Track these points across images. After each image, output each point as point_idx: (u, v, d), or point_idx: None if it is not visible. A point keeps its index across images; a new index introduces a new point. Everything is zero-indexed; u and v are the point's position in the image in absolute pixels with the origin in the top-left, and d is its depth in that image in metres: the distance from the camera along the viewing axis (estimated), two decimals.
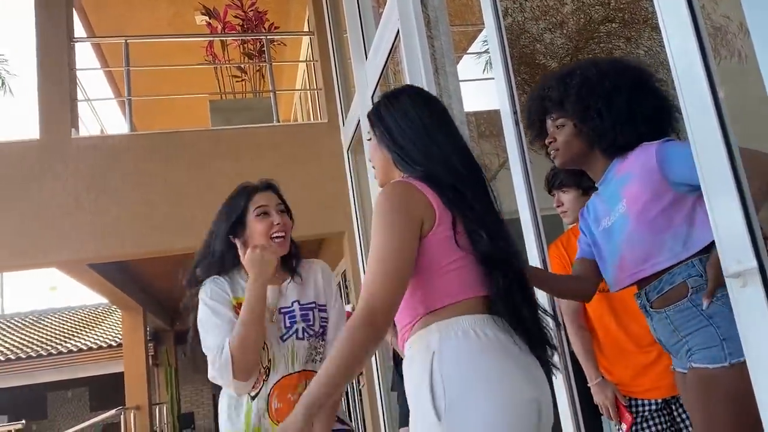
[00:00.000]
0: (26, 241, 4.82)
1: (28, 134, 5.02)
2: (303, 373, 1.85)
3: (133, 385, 7.99)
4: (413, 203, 1.31)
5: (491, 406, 1.21)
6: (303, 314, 1.89)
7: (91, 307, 15.87)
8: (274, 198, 1.98)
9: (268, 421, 1.79)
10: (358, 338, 1.21)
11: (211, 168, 5.18)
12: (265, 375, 1.81)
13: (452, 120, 1.50)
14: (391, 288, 1.24)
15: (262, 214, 1.91)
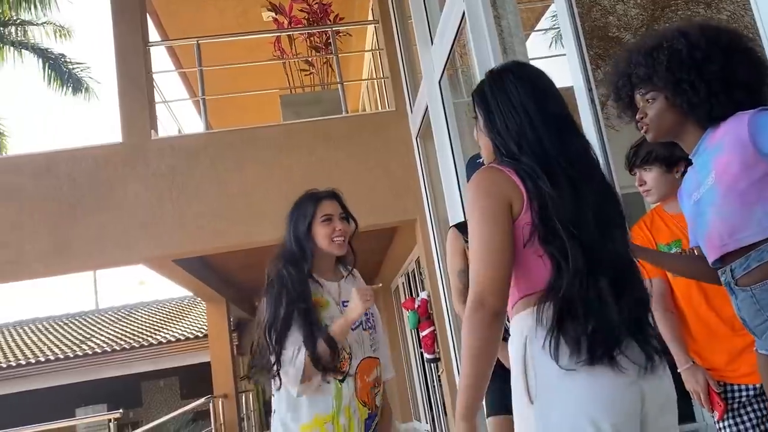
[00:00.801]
0: (115, 240, 5.07)
1: (112, 138, 5.26)
2: (373, 359, 2.13)
3: (219, 374, 8.29)
4: (500, 186, 1.34)
5: (581, 393, 1.22)
6: None
7: (178, 300, 16.59)
8: (337, 206, 2.24)
9: (356, 401, 2.02)
10: (472, 325, 1.27)
11: (284, 161, 5.28)
12: (349, 360, 2.05)
13: (559, 98, 1.46)
14: (492, 269, 1.28)
15: (327, 221, 2.17)
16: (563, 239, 1.28)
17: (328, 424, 1.99)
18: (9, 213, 4.99)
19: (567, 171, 1.34)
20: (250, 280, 8.93)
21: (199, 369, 11.24)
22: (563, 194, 1.31)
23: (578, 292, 1.26)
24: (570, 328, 1.24)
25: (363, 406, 2.04)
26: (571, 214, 1.30)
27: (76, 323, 15.65)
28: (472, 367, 1.29)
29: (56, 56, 13.15)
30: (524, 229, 1.31)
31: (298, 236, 2.17)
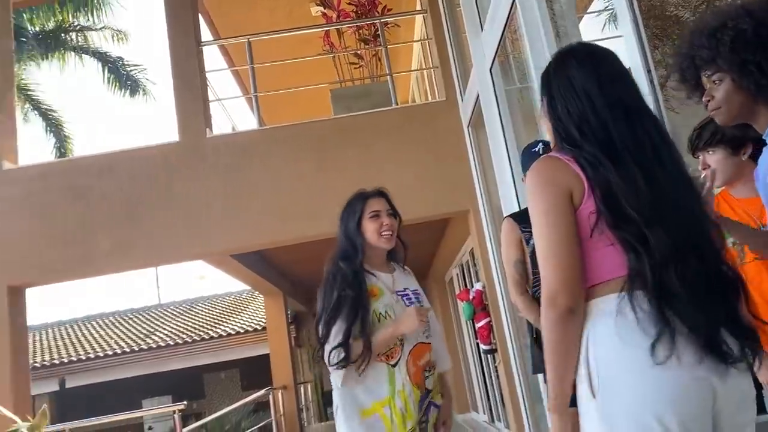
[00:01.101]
0: (175, 237, 5.21)
1: (169, 137, 5.41)
2: (425, 345, 2.21)
3: (278, 365, 8.45)
4: (559, 176, 1.32)
5: (644, 388, 1.19)
6: (415, 296, 2.32)
7: (236, 294, 16.96)
8: (385, 203, 2.37)
9: (410, 385, 2.10)
10: (547, 323, 1.28)
11: (336, 155, 5.32)
12: (401, 346, 2.14)
13: (626, 79, 1.42)
14: (560, 267, 1.27)
15: (375, 216, 2.31)
16: (637, 224, 1.24)
17: (386, 407, 2.09)
18: (77, 213, 5.19)
19: (635, 156, 1.30)
20: (306, 273, 9.05)
21: (259, 361, 11.48)
22: (632, 179, 1.27)
23: (662, 279, 1.22)
24: (657, 318, 1.20)
25: (417, 389, 2.12)
26: (643, 199, 1.26)
27: (141, 318, 16.21)
28: (552, 362, 1.30)
29: (114, 59, 13.59)
30: (590, 218, 1.28)
31: (348, 233, 2.30)
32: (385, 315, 2.16)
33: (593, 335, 1.26)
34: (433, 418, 2.18)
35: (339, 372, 2.09)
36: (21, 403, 4.87)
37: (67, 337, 14.84)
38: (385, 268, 2.35)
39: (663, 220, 1.25)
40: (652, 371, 1.18)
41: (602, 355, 1.24)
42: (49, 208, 5.23)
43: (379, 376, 2.11)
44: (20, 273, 5.14)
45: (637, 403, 1.19)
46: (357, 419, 2.09)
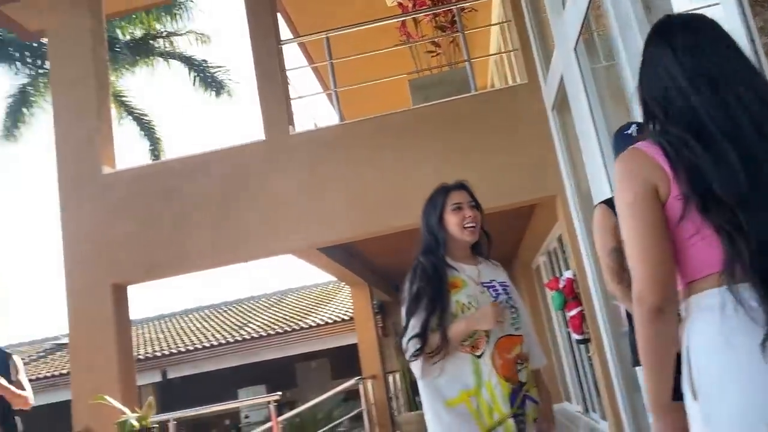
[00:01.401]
0: (264, 233, 5.36)
1: (254, 135, 5.56)
2: (514, 337, 2.18)
3: (367, 355, 8.56)
4: (643, 172, 1.24)
5: (754, 392, 1.10)
6: (503, 289, 2.30)
7: (323, 285, 17.31)
8: (467, 195, 2.34)
9: (496, 377, 2.08)
10: (637, 321, 1.23)
11: (417, 146, 5.29)
12: (486, 337, 2.12)
13: (719, 47, 1.29)
14: (647, 266, 1.21)
15: (457, 209, 2.30)
16: (731, 208, 1.13)
17: (473, 398, 2.09)
18: (172, 213, 5.43)
19: (729, 132, 1.18)
20: (390, 264, 9.10)
21: (347, 350, 11.68)
22: (723, 158, 1.16)
23: (763, 268, 1.11)
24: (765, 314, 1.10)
25: (506, 381, 2.09)
26: (737, 179, 1.14)
27: (234, 310, 16.84)
28: (645, 362, 1.24)
29: (199, 62, 14.12)
30: (676, 204, 1.20)
31: (430, 227, 2.32)
32: (468, 306, 2.16)
33: (693, 334, 1.19)
34: (533, 412, 2.13)
35: (417, 363, 2.12)
36: (128, 394, 5.16)
37: (167, 331, 15.63)
38: (469, 260, 2.34)
39: (763, 202, 1.13)
40: (762, 373, 1.08)
41: (704, 355, 1.16)
42: (146, 209, 5.50)
43: (463, 366, 2.12)
44: (123, 272, 5.44)
45: (746, 409, 1.09)
46: (443, 409, 2.11)
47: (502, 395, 2.07)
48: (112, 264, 5.39)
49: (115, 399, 4.47)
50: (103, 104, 5.85)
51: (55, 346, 15.98)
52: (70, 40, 5.88)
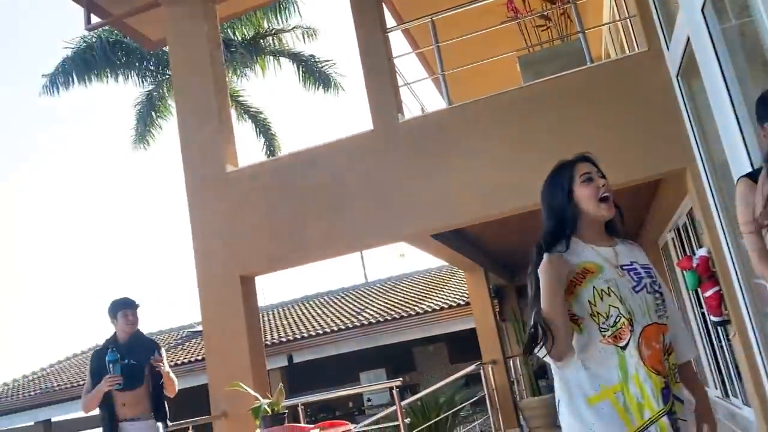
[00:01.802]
0: (377, 222, 5.41)
1: (362, 126, 5.62)
2: (659, 326, 1.94)
3: (485, 340, 8.48)
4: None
5: None
6: (646, 272, 2.03)
7: (436, 270, 17.33)
8: (593, 167, 2.10)
9: (644, 369, 1.85)
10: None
11: (529, 125, 5.13)
12: (630, 326, 1.89)
13: None
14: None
15: (587, 180, 2.04)
16: None
17: (618, 393, 1.86)
18: (290, 206, 5.62)
19: None
20: (506, 247, 8.94)
21: (464, 335, 11.64)
22: None
23: None
24: None
25: (656, 374, 1.85)
26: None
27: (351, 296, 17.27)
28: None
29: (307, 58, 14.47)
30: None
31: (556, 208, 2.06)
32: (607, 291, 1.91)
33: None
34: (679, 411, 1.91)
35: (547, 358, 1.92)
36: (259, 379, 5.42)
37: (290, 317, 16.30)
38: (603, 240, 2.06)
39: None
40: None
41: None
42: (267, 204, 5.72)
43: (606, 359, 1.89)
44: (249, 264, 5.70)
45: None
46: (583, 405, 1.87)
47: (653, 390, 1.84)
48: (238, 257, 5.66)
49: (247, 385, 4.69)
50: (222, 106, 6.13)
51: (191, 333, 17.13)
52: (188, 47, 6.20)
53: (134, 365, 4.19)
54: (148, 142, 14.29)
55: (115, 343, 4.25)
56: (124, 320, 4.27)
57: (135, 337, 4.35)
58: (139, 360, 4.23)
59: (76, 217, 62.09)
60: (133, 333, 4.32)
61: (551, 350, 1.87)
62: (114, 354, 4.02)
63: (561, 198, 2.05)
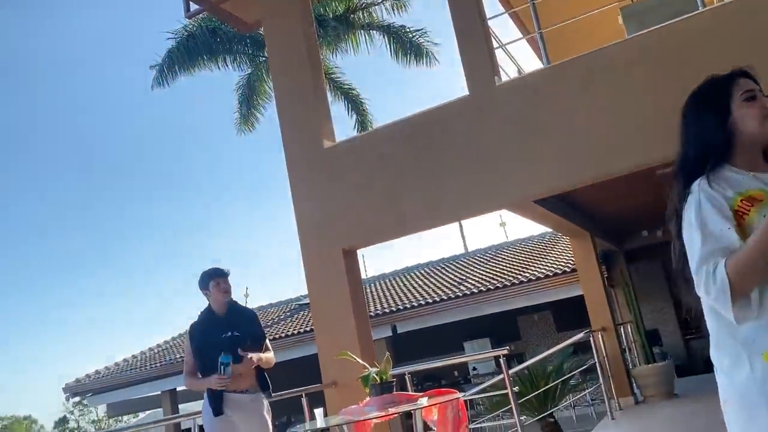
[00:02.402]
0: (478, 190, 5.32)
1: (458, 93, 5.51)
2: None
3: (594, 307, 8.21)
4: None
5: None
6: None
7: (538, 237, 16.95)
8: (755, 84, 1.75)
9: None
10: None
11: (633, 81, 4.84)
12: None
13: None
14: None
15: (750, 98, 1.72)
16: None
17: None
18: (388, 179, 5.64)
19: None
20: (612, 211, 8.58)
21: (570, 302, 11.35)
22: None
23: None
24: None
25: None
26: None
27: (452, 267, 17.24)
28: None
29: (397, 29, 14.37)
30: None
31: (705, 130, 1.74)
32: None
33: None
34: None
35: (724, 300, 1.53)
36: (365, 349, 5.53)
37: (393, 288, 16.53)
38: (763, 167, 1.74)
39: None
40: None
41: None
42: (364, 177, 5.77)
43: (751, 341, 1.55)
44: (350, 238, 5.79)
45: None
46: (759, 363, 1.53)
47: None
48: (339, 231, 5.77)
49: (354, 354, 4.79)
50: (317, 82, 6.21)
51: (299, 306, 17.79)
52: (282, 26, 6.31)
53: (238, 337, 3.98)
54: (253, 125, 14.77)
55: (213, 316, 4.08)
56: (216, 290, 4.05)
57: (232, 308, 4.14)
58: (242, 331, 4.03)
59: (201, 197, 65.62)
60: (228, 303, 4.11)
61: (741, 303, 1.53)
62: (227, 358, 3.80)
63: (714, 119, 1.74)
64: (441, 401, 3.89)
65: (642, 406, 7.63)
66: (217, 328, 3.99)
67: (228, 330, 3.97)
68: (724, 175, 1.71)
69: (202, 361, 3.95)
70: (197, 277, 4.13)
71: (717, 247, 1.59)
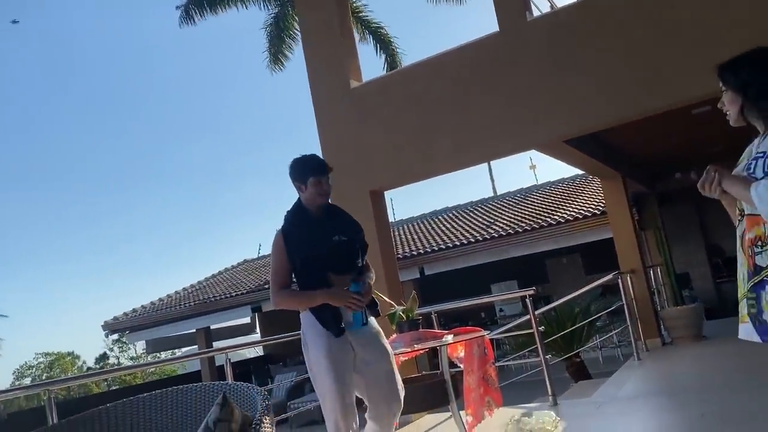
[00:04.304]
0: (507, 129, 5.24)
1: (487, 30, 5.36)
2: (754, 216, 1.79)
3: (624, 249, 8.14)
4: None
5: None
6: None
7: (569, 180, 16.72)
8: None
9: (742, 256, 1.86)
10: None
11: (670, 14, 4.64)
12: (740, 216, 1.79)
13: None
14: None
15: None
16: None
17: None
18: (416, 118, 5.57)
19: None
20: (645, 152, 8.40)
21: (599, 245, 11.25)
22: None
23: None
24: None
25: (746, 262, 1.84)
26: None
27: (480, 210, 17.18)
28: None
29: None
30: None
31: None
32: None
33: None
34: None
35: None
36: (393, 289, 5.60)
37: (421, 231, 16.58)
38: None
39: None
40: None
41: None
42: (393, 117, 5.71)
43: None
44: (377, 179, 5.78)
45: None
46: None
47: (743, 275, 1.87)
48: (367, 172, 5.76)
49: (382, 293, 4.86)
50: (343, 21, 6.09)
51: None
52: None
53: (345, 242, 3.09)
54: (283, 63, 14.61)
55: (309, 216, 3.10)
56: (315, 189, 3.06)
57: (329, 209, 3.20)
58: (350, 236, 3.13)
59: (221, 138, 66.00)
60: (325, 205, 3.16)
61: None
62: (358, 285, 3.00)
63: None
64: (466, 338, 3.95)
65: (669, 347, 7.64)
66: (319, 231, 3.05)
67: (333, 234, 3.06)
68: None
69: (307, 272, 3.00)
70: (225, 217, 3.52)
71: None
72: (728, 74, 1.91)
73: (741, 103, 1.88)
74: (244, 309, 15.02)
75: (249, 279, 16.91)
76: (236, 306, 14.98)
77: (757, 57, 1.90)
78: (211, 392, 2.25)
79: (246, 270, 19.05)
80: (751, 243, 1.81)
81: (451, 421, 4.14)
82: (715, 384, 5.10)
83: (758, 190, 1.71)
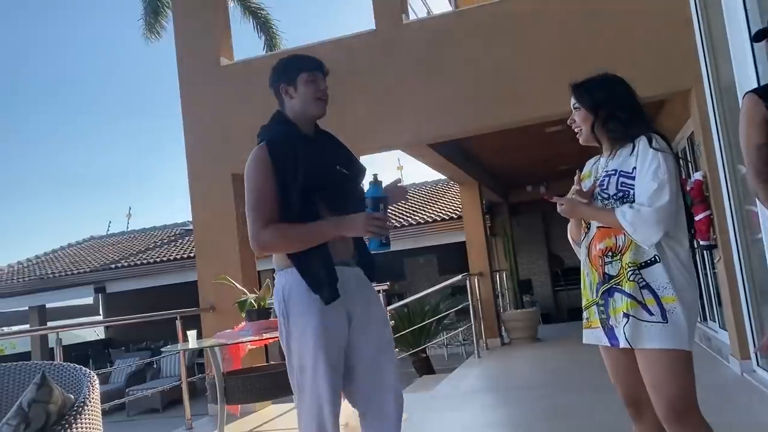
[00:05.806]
0: (374, 127, 5.32)
1: (365, 27, 5.41)
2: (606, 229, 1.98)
3: (474, 253, 8.58)
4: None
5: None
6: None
7: (432, 183, 17.32)
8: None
9: (587, 266, 2.06)
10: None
11: (536, 35, 4.95)
12: (587, 227, 2.06)
13: None
14: None
15: None
16: None
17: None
18: None
19: None
20: (502, 163, 8.88)
21: (454, 248, 11.77)
22: None
23: None
24: None
25: (594, 271, 2.01)
26: None
27: None
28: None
29: None
30: None
31: None
32: None
33: None
34: (624, 306, 1.89)
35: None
36: (248, 276, 5.49)
37: None
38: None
39: None
40: None
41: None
42: (263, 102, 5.49)
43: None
44: (242, 162, 5.62)
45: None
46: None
47: (592, 283, 2.04)
48: (231, 154, 5.58)
49: (237, 281, 4.75)
50: None
51: (184, 231, 17.28)
52: None
53: (346, 175, 2.28)
54: (159, 33, 13.81)
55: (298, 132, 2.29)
56: (311, 90, 2.30)
57: (325, 133, 2.46)
58: (350, 169, 2.32)
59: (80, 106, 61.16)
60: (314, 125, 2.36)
61: None
62: (377, 189, 2.18)
63: None
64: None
65: (507, 347, 8.17)
66: (318, 152, 2.27)
67: (334, 162, 2.29)
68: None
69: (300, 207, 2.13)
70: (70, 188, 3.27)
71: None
72: (583, 93, 2.08)
73: (592, 121, 2.05)
74: (86, 288, 14.07)
75: (94, 257, 15.83)
76: (78, 284, 13.98)
77: (609, 81, 2.09)
78: (30, 372, 2.08)
79: (92, 247, 17.80)
80: (601, 253, 1.98)
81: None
82: (546, 382, 5.54)
83: (627, 219, 1.88)
